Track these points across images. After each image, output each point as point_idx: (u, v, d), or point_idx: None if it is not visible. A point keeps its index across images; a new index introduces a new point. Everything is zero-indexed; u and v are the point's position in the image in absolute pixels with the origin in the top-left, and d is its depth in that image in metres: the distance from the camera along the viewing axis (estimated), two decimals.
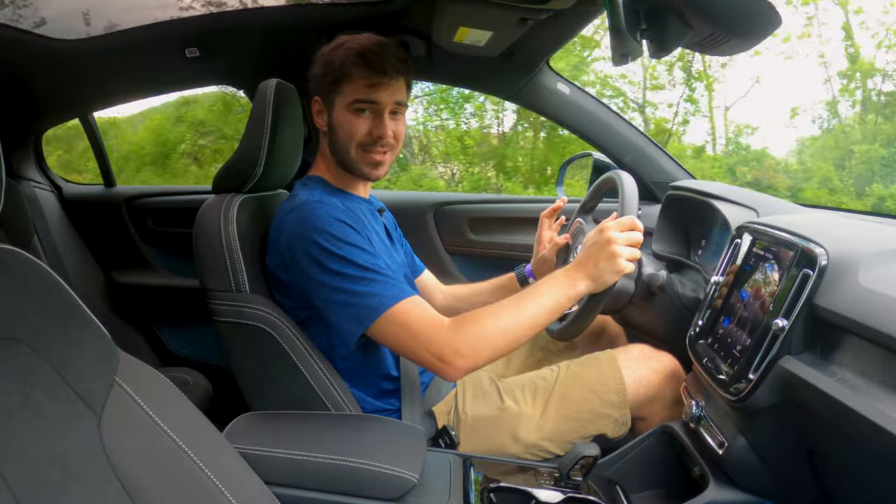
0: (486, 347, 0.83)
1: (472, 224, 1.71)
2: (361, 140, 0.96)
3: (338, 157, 1.00)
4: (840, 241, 0.73)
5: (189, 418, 0.60)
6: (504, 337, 0.84)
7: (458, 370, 0.82)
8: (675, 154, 1.62)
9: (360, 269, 0.84)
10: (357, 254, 0.85)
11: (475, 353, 0.82)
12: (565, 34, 1.27)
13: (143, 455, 0.53)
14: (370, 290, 0.84)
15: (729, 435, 0.83)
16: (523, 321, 0.85)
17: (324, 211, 0.88)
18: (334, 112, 0.96)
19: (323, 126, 0.99)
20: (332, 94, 0.95)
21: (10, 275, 0.50)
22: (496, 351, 0.84)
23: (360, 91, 0.94)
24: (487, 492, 0.84)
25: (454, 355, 0.81)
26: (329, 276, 0.85)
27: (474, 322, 0.83)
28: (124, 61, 1.41)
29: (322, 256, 0.85)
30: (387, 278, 0.85)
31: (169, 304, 1.79)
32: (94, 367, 0.53)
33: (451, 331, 0.83)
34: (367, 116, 0.95)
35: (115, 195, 1.83)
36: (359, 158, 0.97)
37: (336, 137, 0.97)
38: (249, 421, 0.85)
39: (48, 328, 0.51)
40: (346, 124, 0.95)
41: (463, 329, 0.83)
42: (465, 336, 0.82)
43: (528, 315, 0.85)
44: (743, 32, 0.77)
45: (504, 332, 0.84)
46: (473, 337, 0.82)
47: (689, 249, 1.27)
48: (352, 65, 0.92)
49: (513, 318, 0.84)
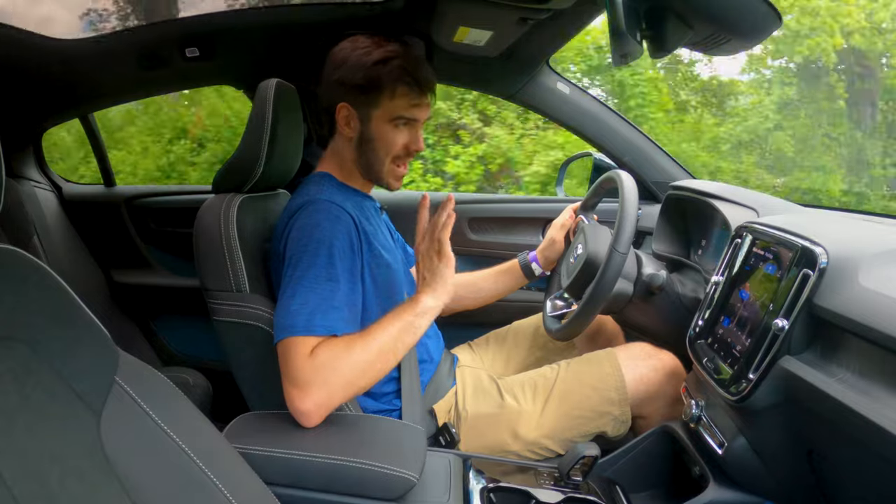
0: (342, 389, 0.79)
1: (472, 224, 1.71)
2: (398, 153, 0.98)
3: (365, 166, 1.00)
4: (840, 241, 0.73)
5: (189, 418, 0.60)
6: (361, 375, 0.81)
7: (308, 417, 0.79)
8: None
9: (315, 280, 0.83)
10: (324, 268, 0.84)
11: (329, 398, 0.78)
12: (565, 34, 1.27)
13: (143, 455, 0.53)
14: (303, 305, 0.81)
15: (729, 435, 0.83)
16: (373, 353, 0.81)
17: (336, 213, 0.88)
18: (371, 124, 0.96)
19: (351, 133, 0.98)
20: (370, 106, 0.95)
21: (10, 275, 0.50)
22: (353, 388, 0.81)
23: (404, 109, 0.95)
24: (487, 492, 0.84)
25: (307, 403, 0.78)
26: (295, 265, 0.84)
27: (332, 368, 0.79)
28: (124, 61, 1.41)
29: (306, 245, 0.85)
30: (325, 306, 0.82)
31: (169, 304, 1.79)
32: (93, 367, 0.53)
33: (313, 384, 0.78)
34: (404, 131, 0.97)
35: (115, 195, 1.83)
36: (390, 171, 0.99)
37: (370, 148, 0.97)
38: (249, 421, 0.85)
39: (48, 328, 0.50)
40: (386, 138, 0.96)
41: (322, 376, 0.78)
42: (323, 383, 0.78)
43: (378, 345, 0.81)
44: (743, 32, 0.77)
45: (360, 371, 0.80)
46: (329, 381, 0.78)
47: (689, 249, 1.27)
48: (402, 83, 0.93)
49: (364, 354, 0.80)
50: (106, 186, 1.89)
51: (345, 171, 1.02)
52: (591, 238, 1.09)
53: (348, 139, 0.99)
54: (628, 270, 1.09)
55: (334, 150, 1.03)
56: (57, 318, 0.52)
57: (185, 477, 0.55)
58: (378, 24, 1.25)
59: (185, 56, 1.37)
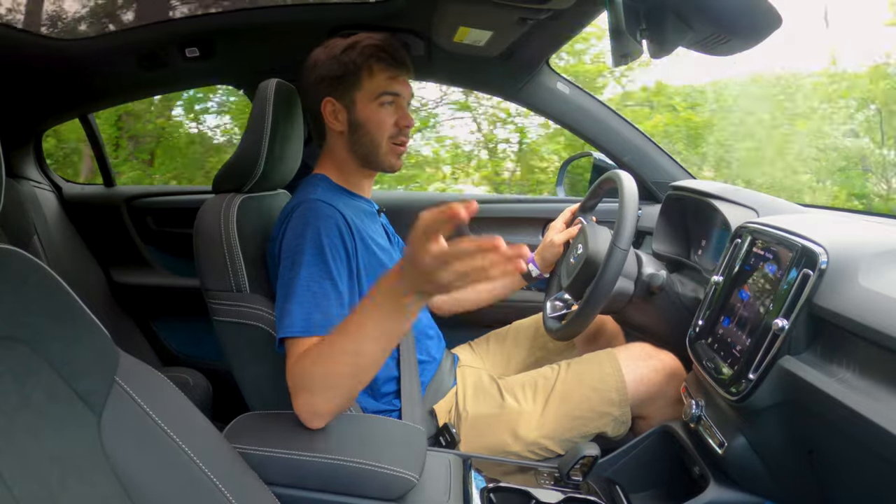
0: (322, 391, 0.75)
1: (472, 224, 1.71)
2: (392, 133, 0.99)
3: (363, 154, 1.00)
4: (840, 241, 0.73)
5: (189, 418, 0.60)
6: (342, 375, 0.74)
7: (305, 420, 0.77)
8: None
9: (310, 279, 0.83)
10: (319, 267, 0.84)
11: (312, 400, 0.76)
12: (565, 34, 1.27)
13: (143, 455, 0.53)
14: (300, 306, 0.81)
15: (729, 435, 0.83)
16: (347, 352, 0.73)
17: (328, 212, 0.88)
18: (357, 109, 0.97)
19: (341, 126, 0.99)
20: (352, 91, 0.96)
21: (11, 275, 0.50)
22: (340, 390, 0.76)
23: (384, 84, 0.96)
24: (487, 492, 0.84)
25: (299, 405, 0.76)
26: (290, 266, 0.85)
27: (310, 372, 0.75)
28: (124, 61, 1.41)
29: (300, 245, 0.85)
30: (322, 306, 0.81)
31: (169, 304, 1.79)
32: (94, 367, 0.53)
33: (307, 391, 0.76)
34: (391, 109, 0.98)
35: (115, 195, 1.83)
36: (389, 151, 1.00)
37: (363, 133, 0.98)
38: (249, 421, 0.85)
39: (48, 328, 0.51)
40: (375, 118, 0.97)
41: (305, 380, 0.76)
42: (304, 387, 0.76)
43: (353, 341, 0.72)
44: (743, 32, 0.77)
45: (339, 371, 0.74)
46: (310, 385, 0.75)
47: (689, 249, 1.27)
48: (375, 60, 0.95)
49: (338, 353, 0.74)
50: (106, 186, 1.89)
51: (341, 172, 1.03)
52: (591, 238, 1.09)
53: (339, 133, 1.00)
54: (629, 269, 1.09)
55: (328, 151, 1.04)
56: (57, 318, 0.52)
57: (185, 476, 0.55)
58: (378, 24, 1.25)
59: (185, 56, 1.37)
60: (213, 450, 0.60)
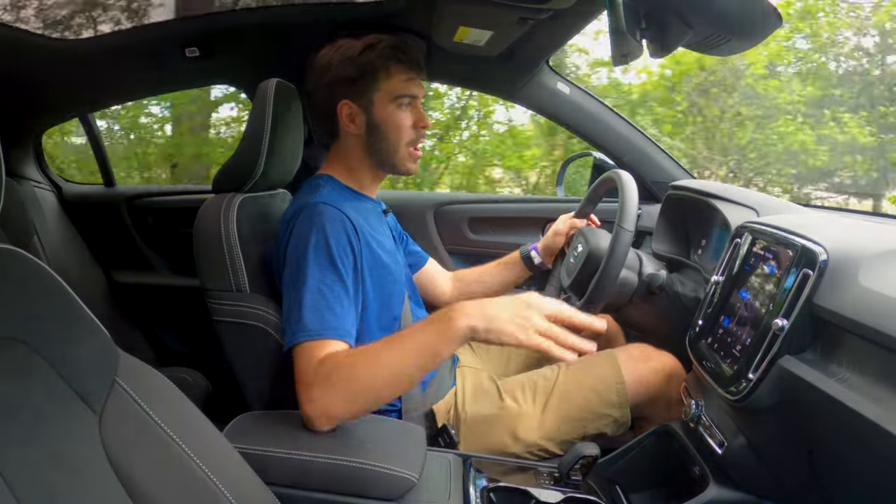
0: (343, 403, 0.77)
1: (472, 224, 1.71)
2: (410, 137, 0.98)
3: (379, 157, 1.00)
4: (840, 240, 0.73)
5: (189, 418, 0.60)
6: (364, 394, 0.77)
7: (313, 423, 0.77)
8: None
9: (320, 282, 0.83)
10: (327, 269, 0.84)
11: (328, 408, 0.77)
12: (565, 34, 1.27)
13: (143, 455, 0.53)
14: (310, 309, 0.81)
15: (729, 435, 0.83)
16: (379, 378, 0.76)
17: (334, 216, 0.88)
18: (375, 109, 0.96)
19: (358, 129, 0.98)
20: (370, 91, 0.96)
21: (11, 275, 0.50)
22: (357, 405, 0.78)
23: (402, 85, 0.96)
24: (487, 492, 0.84)
25: (310, 408, 0.77)
26: (297, 269, 0.85)
27: (333, 382, 0.77)
28: (124, 61, 1.41)
29: (306, 248, 0.85)
30: (334, 309, 0.82)
31: (169, 304, 1.79)
32: (94, 367, 0.53)
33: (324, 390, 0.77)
34: (408, 111, 0.98)
35: (116, 195, 1.83)
36: (405, 154, 1.00)
37: (381, 136, 0.98)
38: (249, 421, 0.85)
39: (48, 328, 0.51)
40: (393, 120, 0.97)
41: (325, 386, 0.77)
42: (324, 393, 0.77)
43: (389, 368, 0.75)
44: (743, 32, 0.77)
45: (363, 389, 0.76)
46: (330, 393, 0.76)
47: (689, 249, 1.27)
48: (394, 62, 0.95)
49: (368, 376, 0.76)
50: (106, 186, 1.89)
51: (350, 173, 1.02)
52: (591, 237, 1.09)
53: (356, 136, 0.99)
54: (631, 263, 1.08)
55: (339, 152, 1.02)
56: (57, 318, 0.52)
57: (185, 476, 0.55)
58: (378, 24, 1.25)
59: (185, 56, 1.37)
60: (213, 449, 0.60)
